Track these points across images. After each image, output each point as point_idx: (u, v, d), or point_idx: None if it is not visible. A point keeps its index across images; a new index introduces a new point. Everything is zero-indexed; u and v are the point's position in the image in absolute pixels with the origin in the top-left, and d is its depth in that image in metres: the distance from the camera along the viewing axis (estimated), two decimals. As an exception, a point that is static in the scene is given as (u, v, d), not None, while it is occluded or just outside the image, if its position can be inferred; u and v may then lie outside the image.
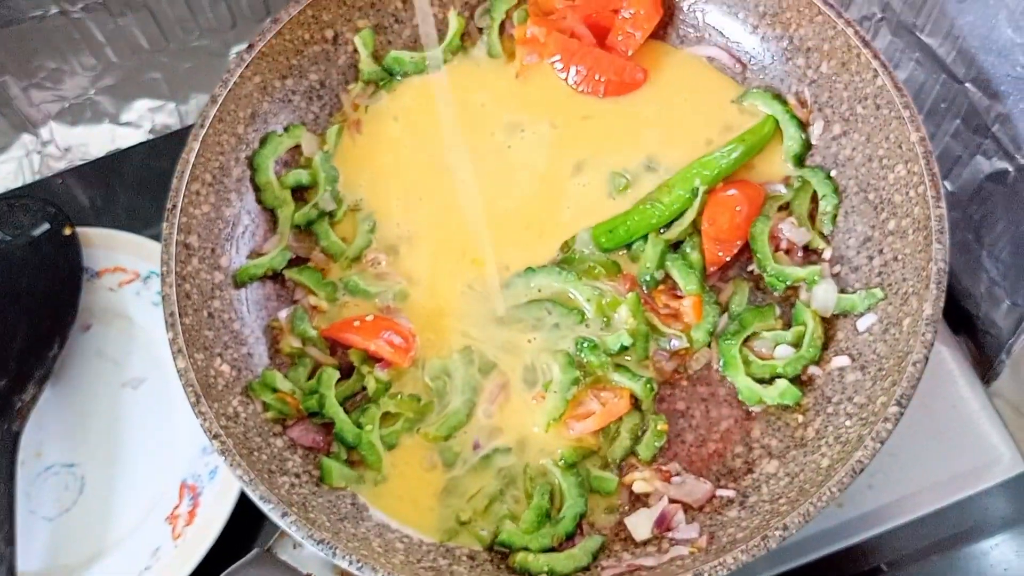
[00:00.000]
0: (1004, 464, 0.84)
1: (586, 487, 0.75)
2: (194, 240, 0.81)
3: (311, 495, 0.73)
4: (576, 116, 0.90)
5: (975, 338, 0.92)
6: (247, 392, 0.78)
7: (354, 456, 0.77)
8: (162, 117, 1.12)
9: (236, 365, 0.79)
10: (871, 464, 0.67)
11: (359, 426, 0.77)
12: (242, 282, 0.83)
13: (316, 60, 0.90)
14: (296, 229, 0.86)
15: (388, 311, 0.83)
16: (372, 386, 0.79)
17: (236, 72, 0.85)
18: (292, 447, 0.77)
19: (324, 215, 0.87)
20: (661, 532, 0.73)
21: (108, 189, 1.10)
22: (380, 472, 0.77)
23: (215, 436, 0.72)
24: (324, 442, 0.78)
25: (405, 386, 0.80)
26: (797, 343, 0.79)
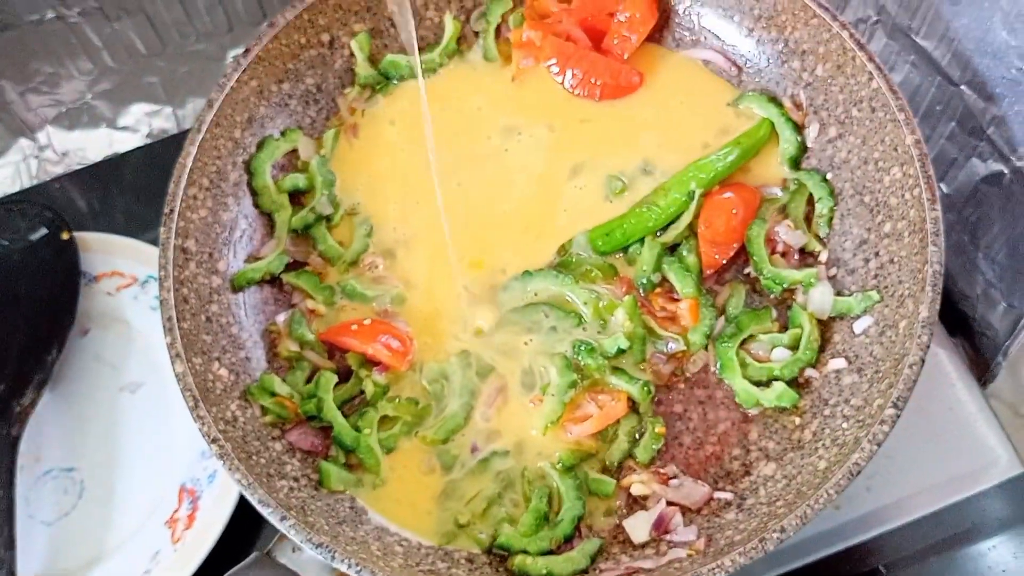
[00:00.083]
0: (1001, 466, 0.84)
1: (584, 490, 0.75)
2: (192, 244, 0.81)
3: (310, 499, 0.73)
4: (572, 119, 0.90)
5: (972, 340, 0.92)
6: (245, 396, 0.78)
7: (352, 460, 0.77)
8: (159, 121, 1.12)
9: (234, 369, 0.79)
10: (868, 466, 0.67)
11: (357, 430, 0.77)
12: (240, 286, 0.83)
13: (312, 64, 0.90)
14: (293, 233, 0.86)
15: (386, 315, 0.83)
16: (370, 390, 0.79)
17: (232, 76, 0.85)
18: (291, 451, 0.77)
19: (321, 219, 0.87)
20: (659, 535, 0.73)
21: (106, 194, 1.09)
22: (379, 476, 0.77)
23: (213, 440, 0.72)
24: (322, 446, 0.78)
25: (403, 390, 0.80)
26: (794, 346, 0.79)
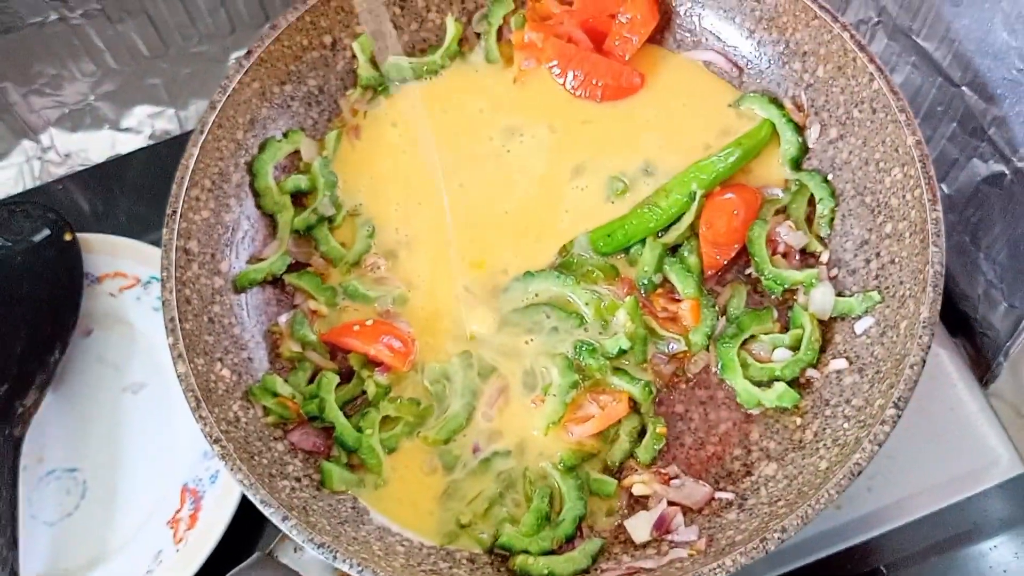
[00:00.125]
0: (1002, 466, 0.84)
1: (586, 490, 0.75)
2: (194, 245, 0.81)
3: (312, 499, 0.74)
4: (574, 121, 0.90)
5: (973, 340, 0.92)
6: (247, 397, 0.78)
7: (354, 460, 0.78)
8: (162, 123, 1.12)
9: (236, 370, 0.79)
10: (870, 466, 0.67)
11: (359, 430, 0.77)
12: (242, 287, 0.83)
13: (315, 66, 0.90)
14: (295, 234, 0.86)
15: (387, 315, 0.83)
16: (372, 390, 0.80)
17: (235, 78, 0.85)
18: (293, 451, 0.77)
19: (323, 220, 0.87)
20: (660, 535, 0.73)
21: (108, 195, 1.10)
22: (380, 476, 0.77)
23: (216, 441, 0.72)
24: (324, 446, 0.78)
25: (405, 390, 0.81)
26: (795, 346, 0.79)
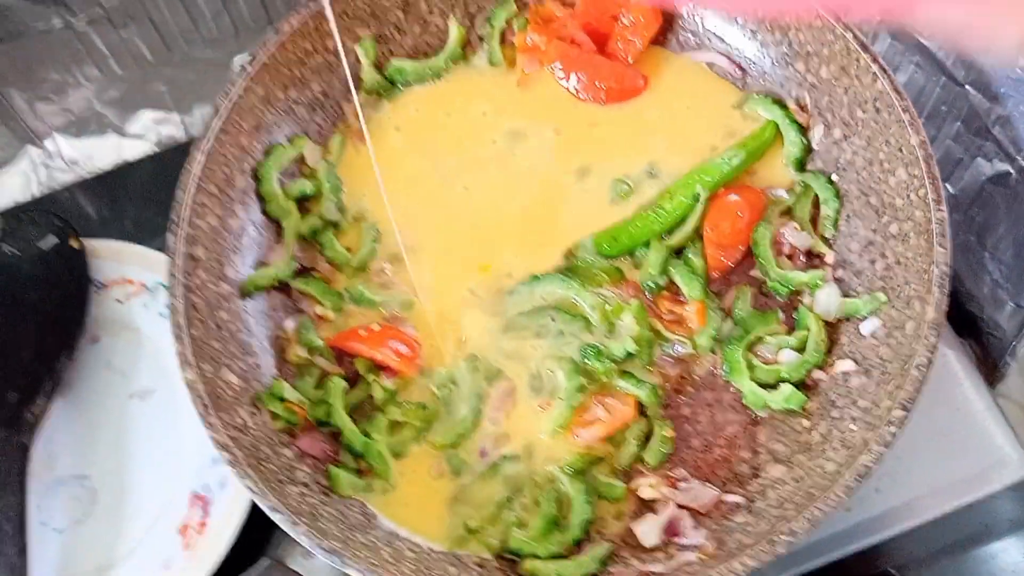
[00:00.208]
0: (1012, 466, 0.83)
1: (594, 494, 0.75)
2: (200, 251, 0.81)
3: (320, 504, 0.74)
4: (578, 123, 0.90)
5: (980, 340, 0.92)
6: (255, 402, 0.78)
7: (362, 465, 0.78)
8: (167, 129, 1.12)
9: (244, 375, 0.79)
10: (878, 467, 0.67)
11: (367, 435, 0.78)
12: (248, 292, 0.83)
13: (318, 70, 0.90)
14: (301, 239, 0.86)
15: (394, 320, 0.84)
16: (379, 395, 0.80)
17: (239, 83, 0.85)
18: (301, 457, 0.77)
19: (329, 225, 0.87)
20: (669, 538, 0.73)
21: (115, 201, 1.10)
22: (388, 481, 0.77)
23: (224, 447, 0.72)
24: (332, 451, 0.78)
25: (412, 395, 0.81)
26: (801, 348, 0.79)
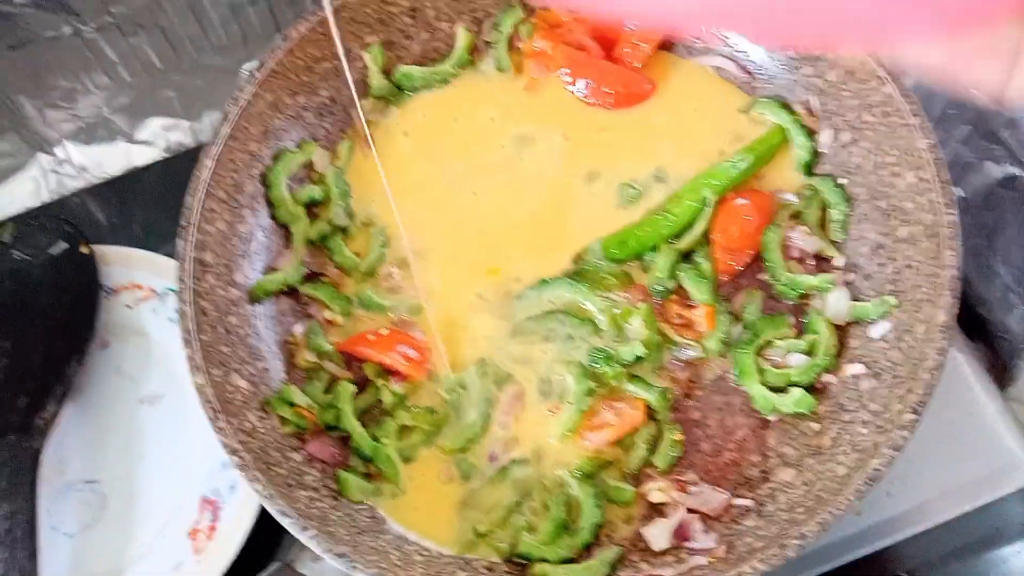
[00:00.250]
0: (1022, 470, 0.83)
1: (603, 498, 0.75)
2: (209, 257, 0.81)
3: (330, 509, 0.74)
4: (585, 128, 0.90)
5: (990, 343, 0.91)
6: (264, 407, 0.78)
7: (372, 469, 0.78)
8: (176, 135, 1.13)
9: (253, 380, 0.79)
10: (889, 471, 0.67)
11: (376, 439, 0.78)
12: (257, 298, 0.83)
13: (326, 76, 0.90)
14: (310, 244, 0.87)
15: (402, 324, 0.84)
16: (388, 399, 0.80)
17: (248, 90, 0.85)
18: (310, 461, 0.77)
19: (337, 230, 0.87)
20: (679, 542, 0.73)
21: (124, 207, 1.10)
22: (398, 485, 0.77)
23: (233, 451, 0.72)
24: (342, 456, 0.79)
25: (421, 399, 0.81)
26: (811, 351, 0.79)
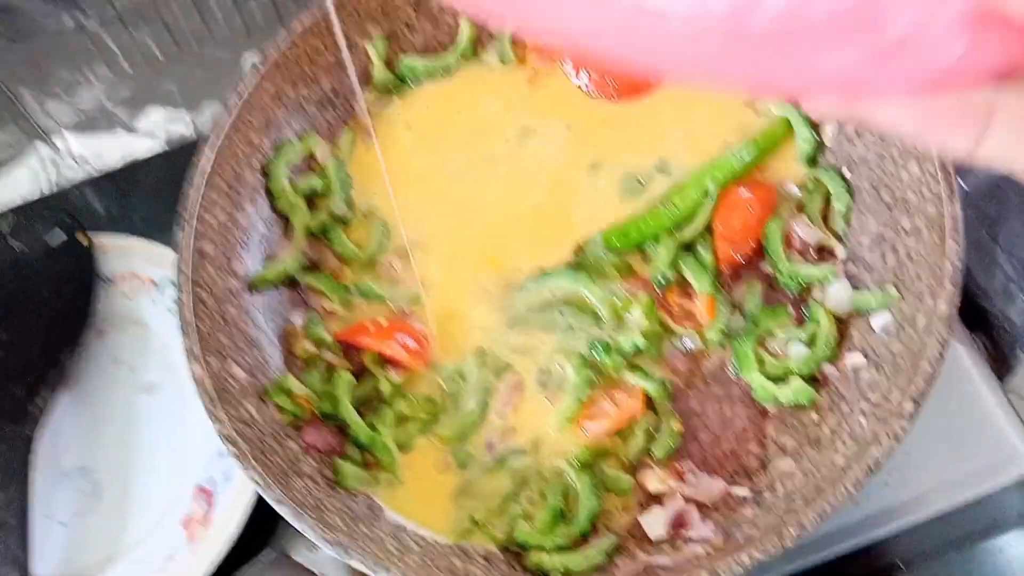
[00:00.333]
0: (1021, 460, 0.83)
1: (601, 487, 0.75)
2: (209, 247, 0.81)
3: (326, 497, 0.73)
4: (589, 120, 0.90)
5: (991, 335, 0.91)
6: (262, 396, 0.78)
7: (369, 458, 0.78)
8: (177, 127, 1.13)
9: (250, 370, 0.79)
10: (888, 461, 0.67)
11: (373, 428, 0.77)
12: (256, 288, 0.83)
13: (329, 68, 0.90)
14: (310, 235, 0.87)
15: (402, 315, 0.84)
16: (386, 389, 0.79)
17: (250, 82, 0.85)
18: (307, 450, 0.77)
19: (338, 221, 0.87)
20: (676, 531, 0.73)
21: (124, 198, 1.10)
22: (394, 474, 0.77)
23: (230, 440, 0.72)
24: (339, 444, 0.78)
25: (419, 389, 0.81)
26: (811, 342, 0.78)
